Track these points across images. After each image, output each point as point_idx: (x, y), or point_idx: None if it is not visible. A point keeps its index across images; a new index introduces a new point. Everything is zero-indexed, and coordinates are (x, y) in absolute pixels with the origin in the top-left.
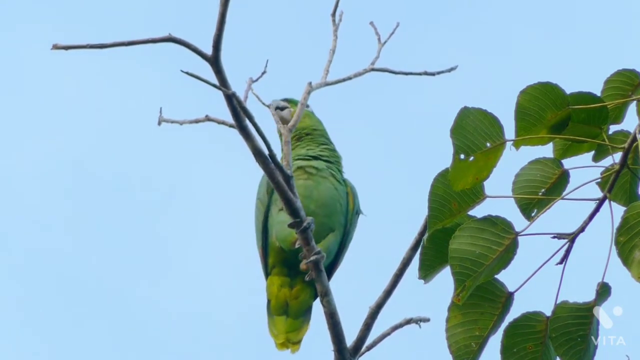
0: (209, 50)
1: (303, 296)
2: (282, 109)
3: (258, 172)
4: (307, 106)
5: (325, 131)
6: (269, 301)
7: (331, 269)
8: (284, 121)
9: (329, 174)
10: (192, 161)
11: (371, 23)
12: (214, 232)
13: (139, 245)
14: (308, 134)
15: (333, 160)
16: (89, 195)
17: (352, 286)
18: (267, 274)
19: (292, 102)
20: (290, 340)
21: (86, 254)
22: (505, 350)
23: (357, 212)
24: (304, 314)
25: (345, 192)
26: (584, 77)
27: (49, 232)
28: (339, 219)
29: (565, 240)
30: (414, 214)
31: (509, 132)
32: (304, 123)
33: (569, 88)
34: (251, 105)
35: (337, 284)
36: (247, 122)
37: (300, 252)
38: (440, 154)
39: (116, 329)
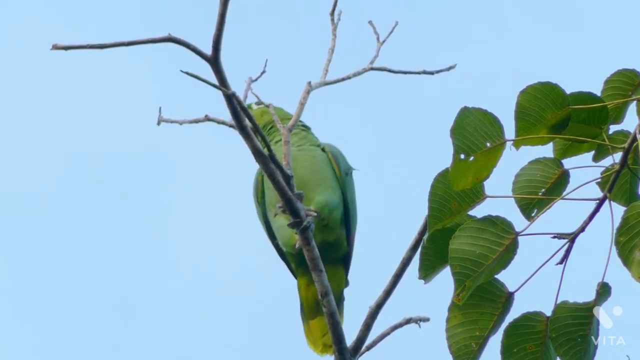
0: (208, 50)
1: (332, 284)
2: None
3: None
4: (261, 103)
5: (287, 114)
6: (301, 306)
7: (347, 236)
8: None
9: (303, 154)
10: (191, 160)
11: (370, 22)
12: (213, 227)
13: (138, 241)
14: (272, 127)
15: (303, 142)
16: (87, 195)
17: (352, 286)
18: (295, 277)
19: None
20: (327, 344)
21: (81, 245)
22: (506, 350)
23: (347, 172)
24: (337, 305)
25: (327, 158)
26: (584, 77)
27: (44, 222)
28: (330, 184)
29: (565, 240)
30: (414, 214)
31: (509, 132)
32: (264, 119)
33: (569, 88)
34: None
35: None
36: (247, 122)
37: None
38: (440, 154)
39: (112, 314)
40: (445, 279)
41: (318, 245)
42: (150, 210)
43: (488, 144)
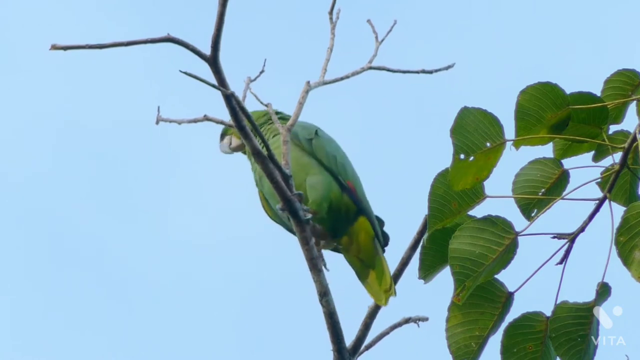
0: (207, 51)
1: (361, 237)
2: (229, 142)
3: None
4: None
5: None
6: (356, 273)
7: (349, 193)
8: (237, 148)
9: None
10: (189, 159)
11: (368, 21)
12: (209, 208)
13: (134, 223)
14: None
15: (274, 133)
16: (88, 195)
17: (351, 286)
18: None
19: (227, 129)
20: (387, 290)
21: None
22: (505, 350)
23: (309, 137)
24: (374, 251)
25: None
26: (584, 77)
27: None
28: (307, 162)
29: (565, 240)
30: (414, 214)
31: (509, 132)
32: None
33: (569, 88)
34: (249, 104)
35: (336, 284)
36: (246, 121)
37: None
38: (440, 154)
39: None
40: (445, 278)
41: (332, 220)
42: (147, 191)
43: (488, 144)
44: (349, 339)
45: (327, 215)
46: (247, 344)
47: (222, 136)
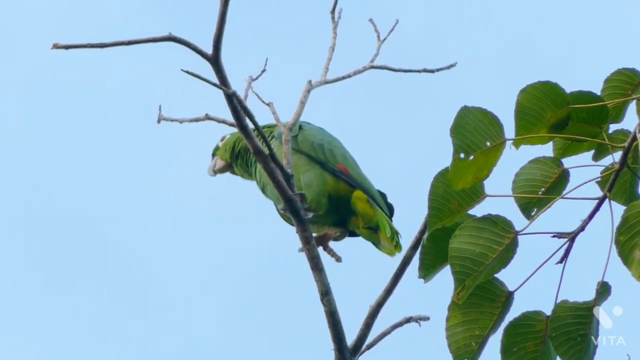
0: (209, 50)
1: (359, 206)
2: (214, 165)
3: None
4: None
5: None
6: (373, 244)
7: (346, 180)
8: (221, 169)
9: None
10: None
11: (370, 20)
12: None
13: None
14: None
15: (270, 136)
16: (89, 192)
17: (353, 285)
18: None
19: (216, 149)
20: (392, 238)
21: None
22: (505, 349)
23: (294, 135)
24: (373, 211)
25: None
26: (584, 77)
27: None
28: (296, 160)
29: (565, 240)
30: (414, 213)
31: (509, 131)
32: (234, 138)
33: (569, 87)
34: (251, 104)
35: (337, 283)
36: (248, 121)
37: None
38: (441, 153)
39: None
40: (445, 278)
41: (336, 209)
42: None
43: (488, 143)
44: (350, 339)
45: (330, 206)
46: (247, 343)
47: (212, 156)
